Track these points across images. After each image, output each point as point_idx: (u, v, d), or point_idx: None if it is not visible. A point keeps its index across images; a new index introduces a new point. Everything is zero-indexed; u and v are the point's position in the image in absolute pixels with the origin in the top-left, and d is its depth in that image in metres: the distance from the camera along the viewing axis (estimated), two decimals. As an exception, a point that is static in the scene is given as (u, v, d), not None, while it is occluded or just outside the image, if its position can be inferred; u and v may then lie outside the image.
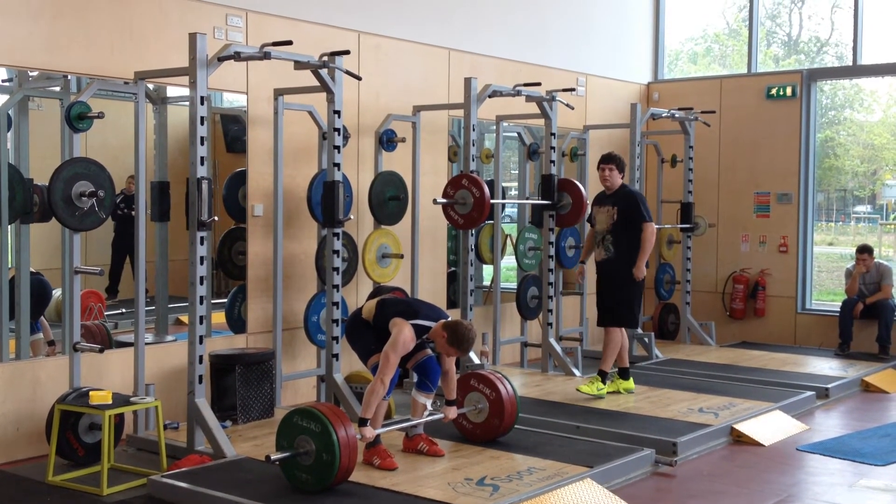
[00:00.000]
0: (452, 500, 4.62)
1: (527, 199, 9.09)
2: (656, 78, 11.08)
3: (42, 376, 5.74)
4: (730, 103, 10.36)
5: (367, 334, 5.38)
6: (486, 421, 5.71)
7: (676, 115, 9.27)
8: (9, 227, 6.01)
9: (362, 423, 4.99)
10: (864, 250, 9.25)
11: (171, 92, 6.92)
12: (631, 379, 7.23)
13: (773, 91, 10.13)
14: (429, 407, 5.45)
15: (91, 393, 5.22)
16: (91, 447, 5.43)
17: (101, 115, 5.48)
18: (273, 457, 4.71)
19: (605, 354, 7.07)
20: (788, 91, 10.03)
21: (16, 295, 6.05)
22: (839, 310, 9.26)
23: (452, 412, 5.52)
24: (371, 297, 7.21)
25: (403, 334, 5.11)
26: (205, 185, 5.35)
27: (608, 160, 7.19)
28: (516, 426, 5.81)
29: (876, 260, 9.26)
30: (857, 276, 9.16)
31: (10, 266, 6.11)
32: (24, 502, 4.87)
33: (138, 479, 5.11)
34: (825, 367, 8.50)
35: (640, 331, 9.01)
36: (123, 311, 7.42)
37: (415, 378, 5.55)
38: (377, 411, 5.17)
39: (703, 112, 9.45)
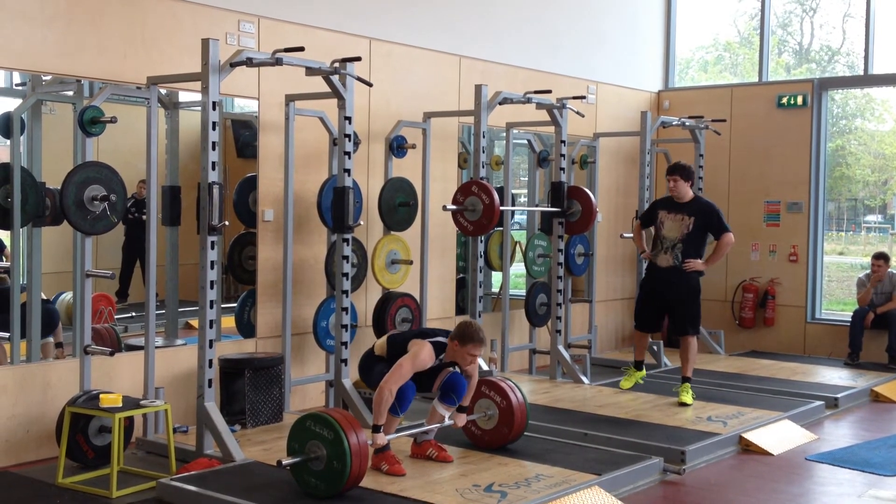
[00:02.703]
0: (460, 506, 4.63)
1: (536, 206, 9.10)
2: (667, 86, 11.08)
3: (52, 379, 5.76)
4: (740, 112, 10.35)
5: (380, 366, 5.38)
6: (495, 428, 5.71)
7: (687, 124, 9.28)
8: (21, 230, 6.05)
9: (375, 430, 5.02)
10: (880, 257, 9.20)
11: (184, 97, 6.96)
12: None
13: (784, 100, 10.12)
14: (447, 420, 5.45)
15: (101, 396, 5.24)
16: (101, 450, 5.45)
17: (113, 120, 5.51)
18: (284, 462, 4.73)
19: (690, 361, 7.18)
20: (799, 100, 10.02)
21: (27, 314, 6.07)
22: (850, 319, 9.24)
23: (462, 419, 5.53)
24: (380, 303, 7.23)
25: (423, 349, 5.16)
26: (216, 190, 5.37)
27: (672, 171, 7.22)
28: (525, 433, 5.80)
29: (889, 270, 9.22)
30: (871, 286, 9.11)
31: (23, 270, 6.14)
32: (33, 504, 4.90)
33: (147, 482, 5.13)
34: (834, 376, 8.48)
35: (649, 339, 9.01)
36: (133, 314, 7.46)
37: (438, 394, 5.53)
38: (388, 422, 5.19)
39: (713, 120, 9.45)
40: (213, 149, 5.38)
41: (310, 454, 4.75)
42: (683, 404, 6.98)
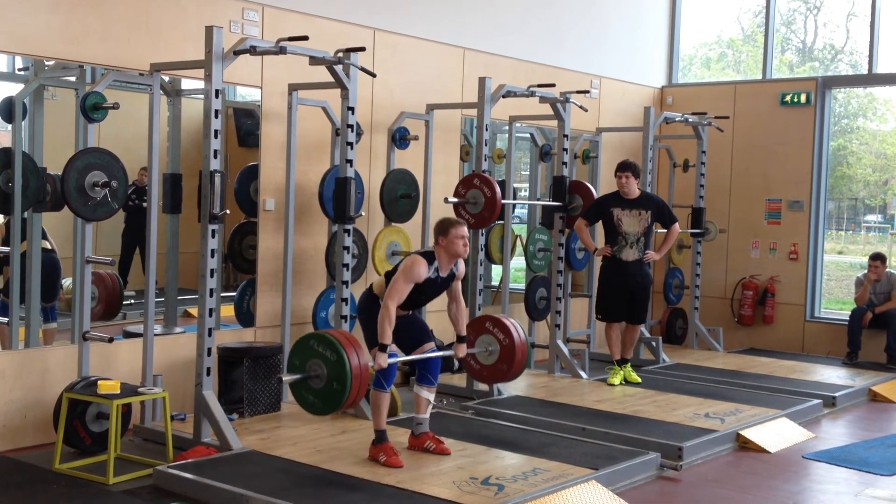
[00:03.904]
0: (457, 498, 4.62)
1: (538, 200, 9.09)
2: (670, 82, 11.07)
3: (51, 364, 5.76)
4: (743, 109, 10.34)
5: (378, 309, 5.32)
6: (495, 365, 5.79)
7: (690, 120, 9.26)
8: (22, 215, 6.04)
9: (382, 348, 5.04)
10: (877, 258, 9.21)
11: (186, 84, 6.94)
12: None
13: (788, 98, 10.11)
14: (432, 401, 5.48)
15: (99, 382, 5.24)
16: (98, 436, 5.45)
17: (116, 106, 5.50)
18: (285, 378, 4.85)
19: (633, 344, 7.92)
20: (803, 98, 10.00)
21: (27, 273, 6.06)
22: (848, 319, 9.24)
23: (462, 350, 5.58)
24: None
25: (413, 260, 5.16)
26: (217, 179, 5.36)
27: (625, 168, 7.61)
28: (522, 426, 5.82)
29: (887, 269, 9.22)
30: (868, 284, 9.13)
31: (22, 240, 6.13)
32: (30, 489, 4.89)
33: (144, 469, 5.13)
34: (833, 375, 8.48)
35: (647, 335, 9.00)
36: (132, 301, 7.45)
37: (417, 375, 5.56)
38: (382, 408, 5.21)
39: (716, 117, 9.44)
40: (215, 137, 5.37)
41: (310, 373, 4.81)
42: (631, 382, 7.56)
